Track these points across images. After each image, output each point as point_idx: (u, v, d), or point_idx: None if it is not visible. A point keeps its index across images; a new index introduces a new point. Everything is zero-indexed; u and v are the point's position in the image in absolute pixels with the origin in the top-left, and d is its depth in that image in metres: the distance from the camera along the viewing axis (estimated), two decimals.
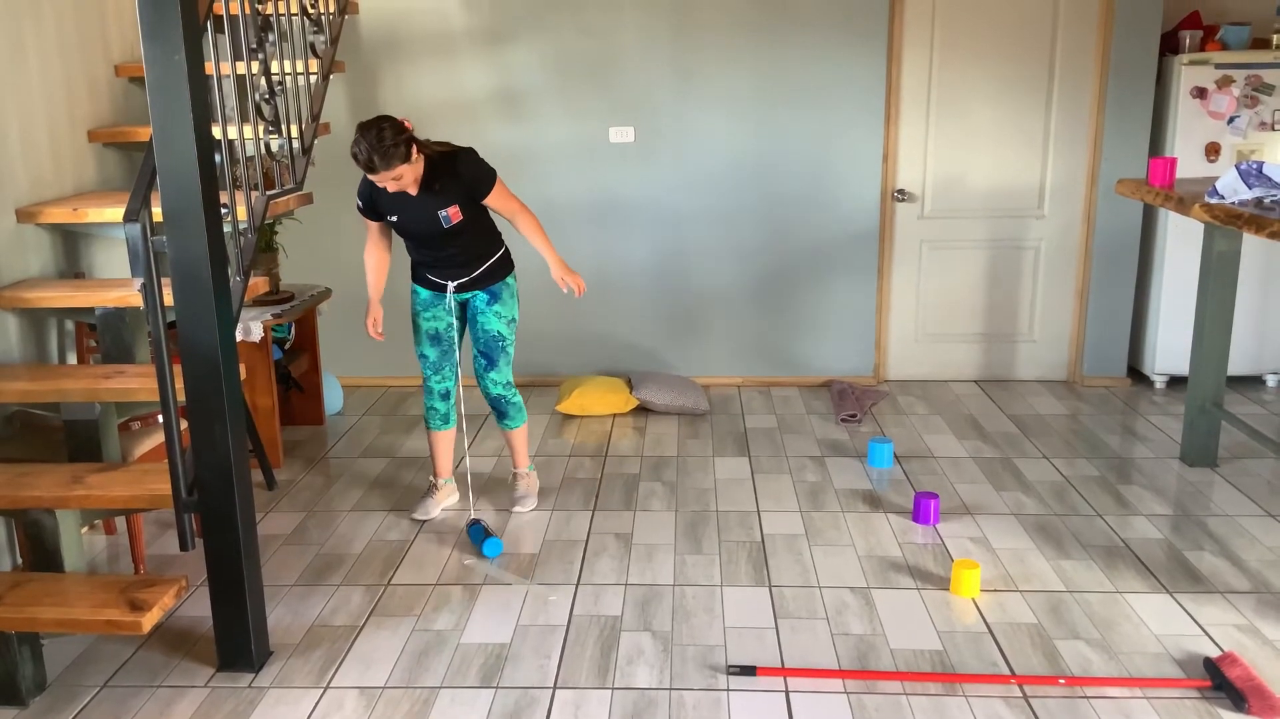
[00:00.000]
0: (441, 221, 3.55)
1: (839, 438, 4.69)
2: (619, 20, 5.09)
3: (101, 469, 2.98)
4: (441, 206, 3.53)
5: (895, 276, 5.41)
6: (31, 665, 2.77)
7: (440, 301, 3.74)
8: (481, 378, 3.81)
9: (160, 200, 2.63)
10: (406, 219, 3.57)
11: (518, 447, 3.99)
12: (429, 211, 3.53)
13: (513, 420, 3.91)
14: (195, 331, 2.68)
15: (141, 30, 2.51)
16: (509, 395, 3.84)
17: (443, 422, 3.88)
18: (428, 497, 3.95)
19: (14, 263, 3.48)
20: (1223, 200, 3.47)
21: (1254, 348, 5.25)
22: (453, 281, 3.70)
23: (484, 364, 3.78)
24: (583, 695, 2.76)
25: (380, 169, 3.34)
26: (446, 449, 3.94)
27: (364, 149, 3.32)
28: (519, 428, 3.94)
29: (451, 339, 3.78)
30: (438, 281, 3.72)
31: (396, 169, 3.36)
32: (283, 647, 3.02)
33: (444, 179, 3.51)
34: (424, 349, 3.78)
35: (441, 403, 3.84)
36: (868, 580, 3.35)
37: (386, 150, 3.32)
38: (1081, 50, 5.10)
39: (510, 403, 3.86)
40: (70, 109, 3.81)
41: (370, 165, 3.34)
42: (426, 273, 3.73)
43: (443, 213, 3.53)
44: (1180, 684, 2.75)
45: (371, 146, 3.31)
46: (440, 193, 3.52)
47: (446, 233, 3.58)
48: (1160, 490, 4.06)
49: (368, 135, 3.32)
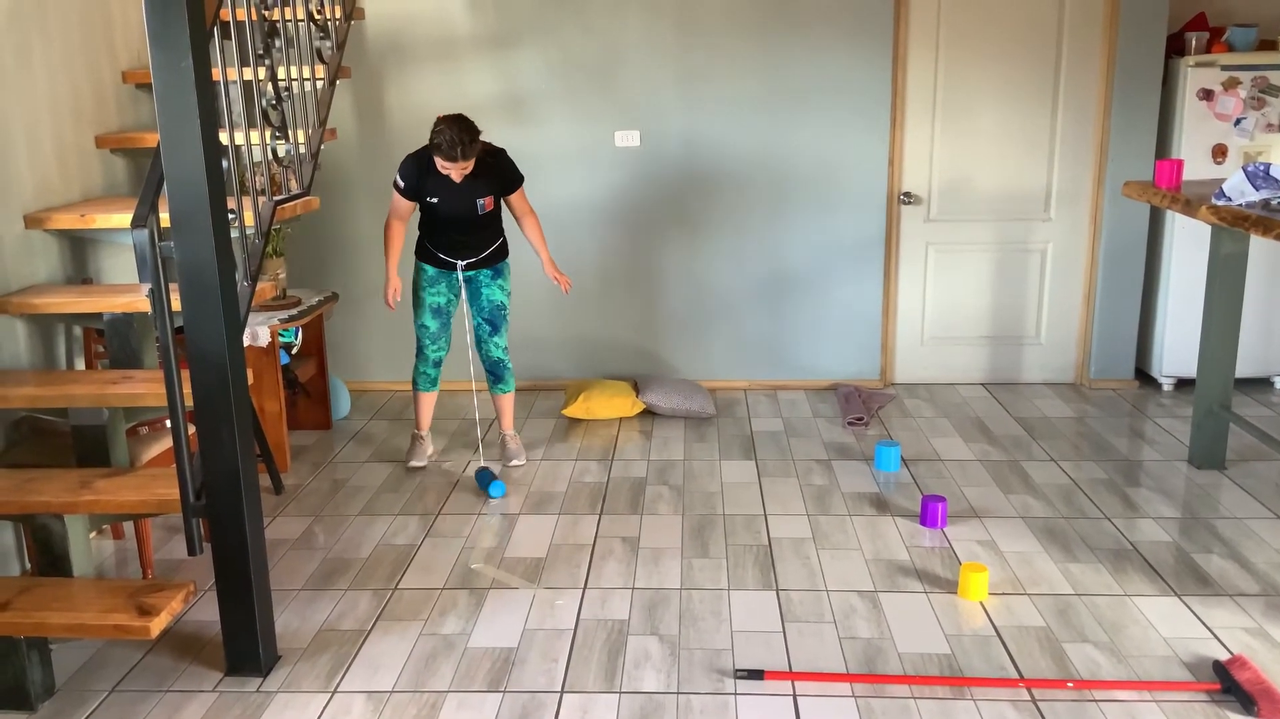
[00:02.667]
0: (478, 208, 4.10)
1: (846, 441, 4.69)
2: (624, 24, 5.10)
3: (109, 474, 2.99)
4: (480, 195, 4.08)
5: (901, 279, 5.41)
6: (40, 670, 2.78)
7: (445, 278, 4.23)
8: (485, 343, 4.32)
9: (168, 206, 2.63)
10: (447, 203, 4.07)
11: (507, 409, 4.50)
12: (470, 198, 4.07)
13: (506, 384, 4.42)
14: (203, 337, 2.69)
15: (148, 37, 2.52)
16: (506, 360, 4.36)
17: (431, 384, 4.42)
18: (416, 446, 4.49)
19: (22, 269, 3.49)
20: (1230, 202, 3.46)
21: (1262, 350, 5.23)
22: (463, 260, 4.18)
23: (489, 330, 4.30)
24: (590, 699, 2.75)
25: (460, 159, 3.86)
26: (430, 408, 4.49)
27: (450, 139, 3.83)
28: (511, 392, 4.47)
29: (450, 313, 4.30)
30: (448, 260, 4.19)
31: (471, 160, 3.90)
32: (290, 651, 3.02)
33: (485, 172, 4.05)
34: (425, 320, 4.27)
35: (434, 369, 4.38)
36: (875, 584, 3.35)
37: (471, 143, 3.86)
38: (1087, 52, 5.10)
39: (506, 367, 4.38)
40: (77, 115, 3.82)
41: (454, 154, 3.84)
42: (439, 252, 4.19)
43: (480, 201, 4.09)
44: (1189, 688, 2.75)
45: (457, 138, 3.82)
46: (481, 184, 4.06)
47: (478, 218, 4.12)
48: (1168, 493, 4.04)
49: (453, 127, 3.84)
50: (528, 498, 4.11)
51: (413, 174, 4.06)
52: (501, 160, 4.13)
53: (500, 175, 4.12)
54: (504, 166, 4.13)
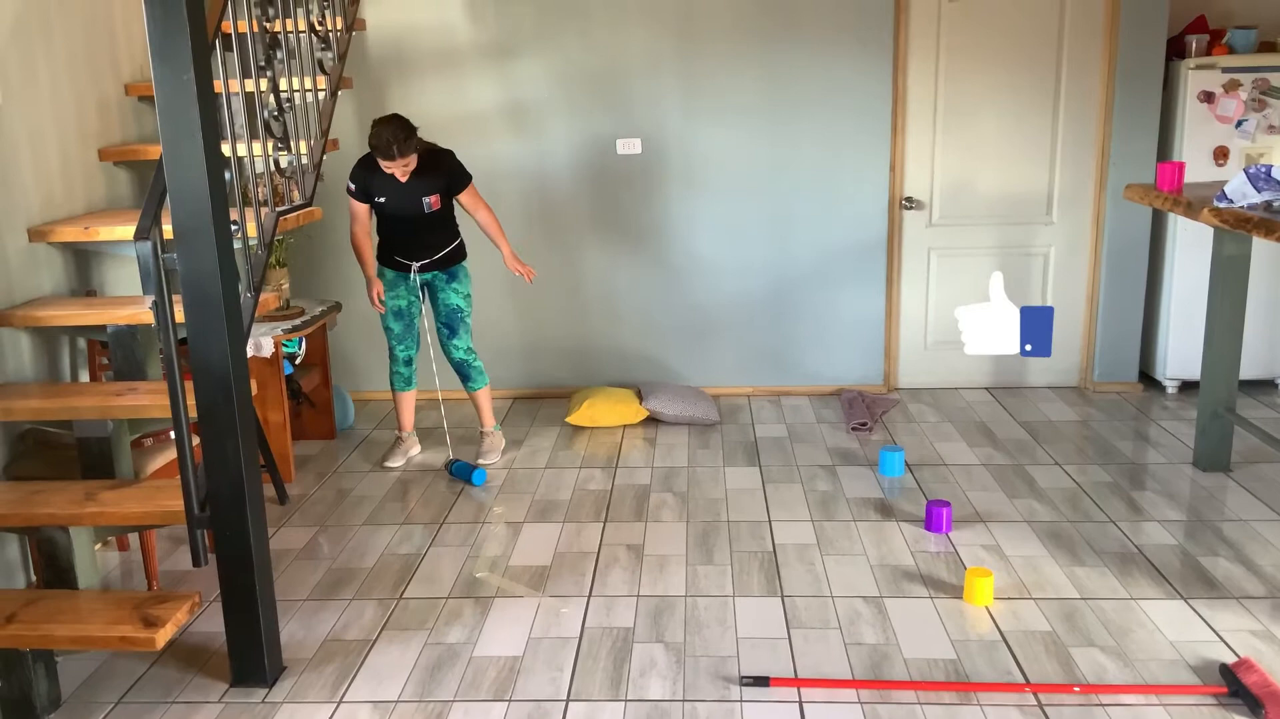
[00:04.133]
0: (424, 207, 4.20)
1: (850, 447, 4.68)
2: (625, 32, 5.11)
3: (114, 486, 2.99)
4: (424, 194, 4.19)
5: (904, 284, 5.41)
6: (46, 683, 2.78)
7: (403, 281, 4.36)
8: (445, 344, 4.45)
9: (171, 218, 2.65)
10: (394, 202, 4.20)
11: (483, 406, 4.59)
12: (414, 197, 4.19)
13: (474, 383, 4.51)
14: (206, 348, 2.70)
15: (151, 50, 2.53)
16: (470, 359, 4.46)
17: (405, 384, 4.53)
18: (395, 448, 4.60)
19: (26, 282, 3.50)
20: (1231, 204, 3.46)
21: (1265, 352, 5.22)
22: (417, 262, 4.32)
23: (447, 333, 4.43)
24: (596, 708, 2.75)
25: (398, 156, 4.00)
26: (409, 407, 4.60)
27: (386, 137, 3.96)
28: (481, 389, 4.54)
29: (413, 315, 4.43)
30: (404, 262, 4.33)
31: (409, 157, 4.04)
32: (296, 661, 3.02)
33: (429, 172, 4.18)
34: (389, 323, 4.42)
35: (405, 368, 4.50)
36: (880, 589, 3.35)
37: (405, 140, 3.99)
38: (1088, 55, 5.10)
39: (472, 366, 4.47)
40: (81, 128, 3.84)
41: (389, 152, 3.98)
42: (395, 254, 4.33)
43: (425, 199, 4.20)
44: (1196, 691, 2.74)
45: (393, 136, 3.96)
46: (425, 182, 4.18)
47: (424, 217, 4.23)
48: (1173, 496, 4.04)
49: (388, 127, 3.97)
50: (532, 506, 4.11)
51: (360, 176, 4.21)
52: (445, 159, 4.24)
53: (446, 174, 4.23)
54: (448, 165, 4.24)
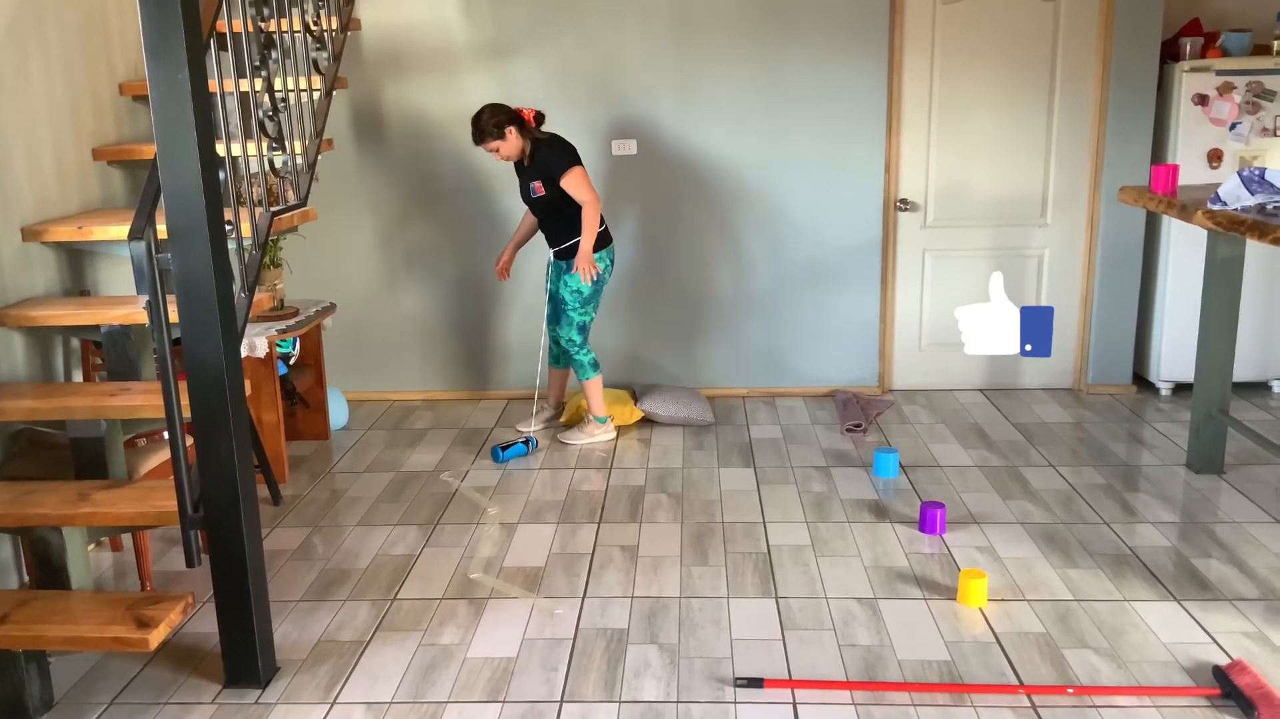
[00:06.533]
0: (531, 192, 4.50)
1: (844, 448, 4.69)
2: (620, 33, 5.11)
3: (107, 486, 2.99)
4: (531, 179, 4.47)
5: (899, 286, 5.41)
6: (39, 683, 2.77)
7: (550, 266, 4.73)
8: (549, 325, 4.82)
9: (165, 217, 2.64)
10: (521, 188, 4.59)
11: (590, 395, 4.78)
12: (526, 183, 4.52)
13: (579, 374, 4.75)
14: (200, 348, 2.69)
15: (145, 49, 2.52)
16: (572, 350, 4.70)
17: (552, 360, 4.94)
18: (534, 414, 5.02)
19: (20, 281, 3.49)
20: (1225, 207, 3.47)
21: (1259, 354, 5.24)
22: (551, 249, 4.67)
23: (553, 316, 4.76)
24: (590, 709, 2.75)
25: (476, 142, 4.40)
26: (552, 381, 5.03)
27: (473, 126, 4.37)
28: (585, 380, 4.75)
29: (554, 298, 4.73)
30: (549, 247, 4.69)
31: (490, 143, 4.37)
32: (289, 662, 3.02)
33: (536, 158, 4.44)
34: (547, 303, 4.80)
35: (554, 346, 4.86)
36: (874, 591, 3.35)
37: (476, 128, 4.36)
38: (1083, 58, 5.11)
39: (572, 356, 4.71)
40: (75, 127, 3.83)
41: (473, 139, 4.40)
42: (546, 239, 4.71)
43: (532, 184, 4.48)
44: (1189, 693, 2.74)
45: (473, 123, 4.37)
46: (533, 169, 4.45)
47: (536, 202, 4.53)
48: (1167, 498, 4.05)
49: (478, 115, 4.35)
50: (526, 507, 4.11)
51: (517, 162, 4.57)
52: (546, 146, 4.42)
53: (546, 160, 4.40)
54: (547, 151, 4.41)
